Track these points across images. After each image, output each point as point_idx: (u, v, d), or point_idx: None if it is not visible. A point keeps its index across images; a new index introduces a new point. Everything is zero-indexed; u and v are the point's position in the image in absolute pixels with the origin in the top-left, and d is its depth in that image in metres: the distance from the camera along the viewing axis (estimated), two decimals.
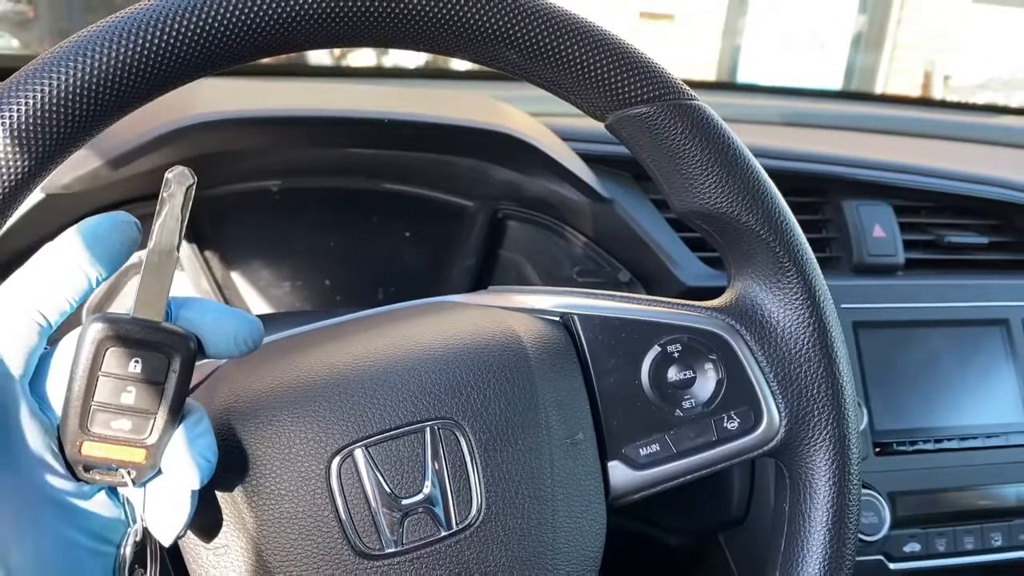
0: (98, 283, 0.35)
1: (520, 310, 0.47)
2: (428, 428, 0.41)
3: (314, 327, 0.46)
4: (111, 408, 0.34)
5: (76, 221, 0.68)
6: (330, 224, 0.83)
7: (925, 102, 2.59)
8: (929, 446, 0.75)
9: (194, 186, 0.34)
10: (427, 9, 0.36)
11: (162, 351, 0.34)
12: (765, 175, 0.44)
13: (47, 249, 0.34)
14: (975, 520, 0.76)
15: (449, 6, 0.37)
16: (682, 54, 5.14)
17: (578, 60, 0.39)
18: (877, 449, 0.74)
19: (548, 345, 0.45)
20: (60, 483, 0.34)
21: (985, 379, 0.78)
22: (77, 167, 0.62)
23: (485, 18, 0.37)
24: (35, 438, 0.34)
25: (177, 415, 0.35)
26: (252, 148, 0.73)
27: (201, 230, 0.79)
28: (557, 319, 0.47)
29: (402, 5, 0.36)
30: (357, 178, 0.82)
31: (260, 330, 0.37)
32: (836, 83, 5.35)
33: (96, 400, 0.34)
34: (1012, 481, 0.76)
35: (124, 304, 0.70)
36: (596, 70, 0.40)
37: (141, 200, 0.73)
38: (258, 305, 0.81)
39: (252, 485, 0.39)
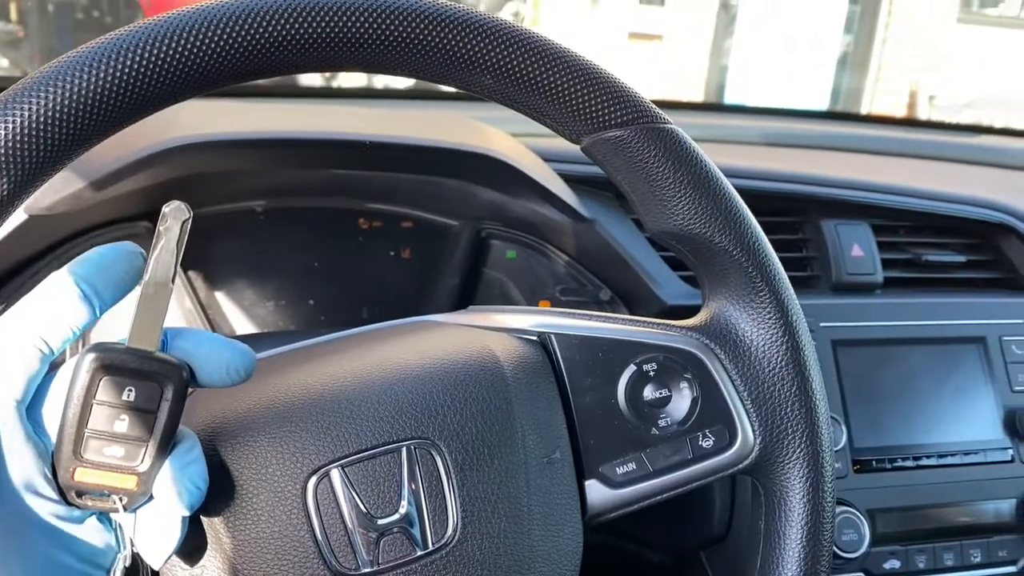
0: (102, 311, 0.35)
1: (498, 329, 0.47)
2: (404, 448, 0.41)
3: (292, 348, 0.46)
4: (104, 435, 0.34)
5: (61, 241, 0.69)
6: (315, 243, 0.83)
7: (907, 122, 2.62)
8: (908, 463, 0.75)
9: (190, 220, 0.34)
10: (405, 36, 0.37)
11: (155, 380, 0.35)
12: (737, 197, 0.45)
13: (53, 277, 0.35)
14: (955, 537, 0.76)
15: (426, 33, 0.37)
16: (670, 72, 5.18)
17: (553, 85, 0.40)
18: (856, 466, 0.74)
19: (525, 364, 0.46)
20: (51, 508, 0.35)
21: (963, 396, 0.78)
22: (60, 188, 0.63)
23: (461, 44, 0.38)
24: (28, 462, 0.34)
25: (169, 443, 0.36)
26: (236, 169, 0.74)
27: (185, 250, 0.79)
28: (535, 338, 0.47)
29: (380, 32, 0.37)
30: (342, 198, 0.82)
31: (252, 360, 0.37)
32: (823, 101, 5.40)
33: (90, 427, 0.34)
34: (990, 497, 0.77)
35: (104, 327, 0.70)
36: (570, 95, 0.40)
37: (125, 221, 0.73)
38: (242, 324, 0.81)
39: (229, 506, 0.39)
